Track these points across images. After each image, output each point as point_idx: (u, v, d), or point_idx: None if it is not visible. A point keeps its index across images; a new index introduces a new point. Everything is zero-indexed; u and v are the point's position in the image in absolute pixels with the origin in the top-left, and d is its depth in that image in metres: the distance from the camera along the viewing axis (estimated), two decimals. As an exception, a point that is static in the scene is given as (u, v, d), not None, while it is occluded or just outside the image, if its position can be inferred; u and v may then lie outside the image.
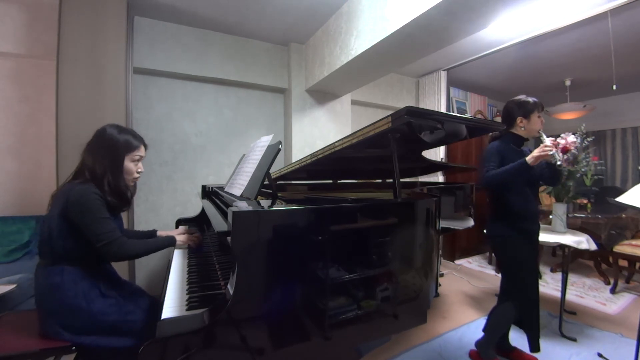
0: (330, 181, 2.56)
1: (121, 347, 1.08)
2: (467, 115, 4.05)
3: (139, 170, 1.30)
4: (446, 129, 1.41)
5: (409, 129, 1.28)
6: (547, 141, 1.43)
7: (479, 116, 4.46)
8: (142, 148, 1.29)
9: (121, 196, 1.21)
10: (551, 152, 1.37)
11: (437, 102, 3.87)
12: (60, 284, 1.07)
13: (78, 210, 1.08)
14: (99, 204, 1.11)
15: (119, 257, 1.14)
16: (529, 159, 1.40)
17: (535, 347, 1.60)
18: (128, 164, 1.24)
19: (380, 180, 2.77)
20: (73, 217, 1.08)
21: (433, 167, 2.50)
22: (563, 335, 2.00)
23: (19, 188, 2.12)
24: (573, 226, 2.62)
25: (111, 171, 1.18)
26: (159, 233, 1.56)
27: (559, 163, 1.40)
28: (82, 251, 1.11)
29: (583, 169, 2.19)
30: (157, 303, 1.20)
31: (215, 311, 0.84)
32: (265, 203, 1.09)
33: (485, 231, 1.80)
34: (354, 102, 3.66)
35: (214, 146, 2.96)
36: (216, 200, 1.65)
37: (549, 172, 1.55)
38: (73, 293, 1.07)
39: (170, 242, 1.35)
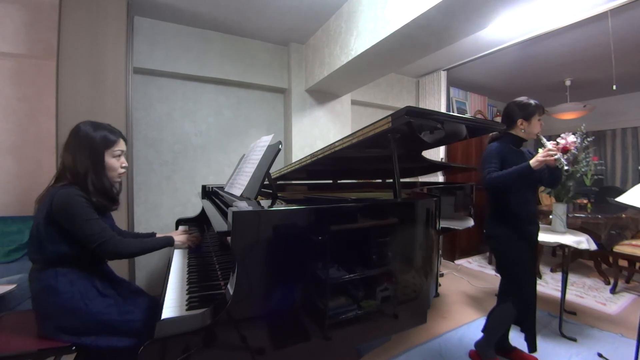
0: (330, 181, 2.56)
1: (121, 347, 1.08)
2: (467, 115, 4.06)
3: (123, 165, 1.26)
4: (446, 129, 1.41)
5: (409, 129, 1.28)
6: (549, 145, 1.42)
7: (479, 116, 4.46)
8: (122, 142, 1.24)
9: (107, 195, 1.18)
10: (556, 157, 1.37)
11: (437, 102, 3.87)
12: (56, 287, 1.06)
13: (65, 215, 1.06)
14: (85, 206, 1.08)
15: (115, 255, 1.13)
16: (532, 162, 1.39)
17: (532, 347, 1.60)
18: (109, 160, 1.20)
19: (380, 180, 2.77)
20: (61, 222, 1.06)
21: (433, 167, 2.50)
22: (563, 335, 2.00)
23: (19, 188, 2.12)
24: (573, 226, 2.62)
25: (93, 170, 1.14)
26: (158, 236, 1.55)
27: (566, 168, 1.38)
28: (74, 253, 1.10)
29: (583, 169, 2.20)
30: (157, 303, 1.20)
31: (215, 311, 0.84)
32: (265, 203, 1.09)
33: (484, 231, 1.80)
34: (354, 102, 3.66)
35: (214, 146, 2.96)
36: (216, 200, 1.65)
37: (549, 174, 1.55)
38: (70, 295, 1.06)
39: (168, 242, 1.34)
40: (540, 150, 1.46)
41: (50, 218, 1.07)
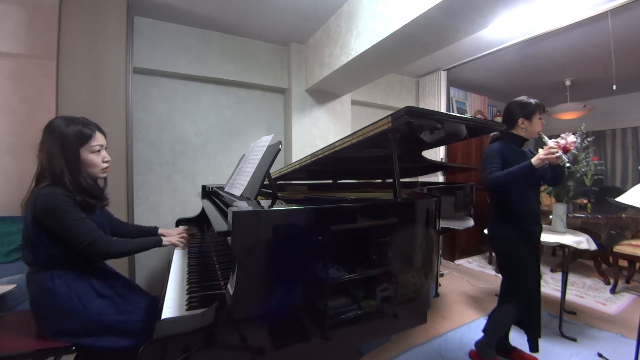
0: (330, 181, 2.56)
1: (121, 347, 1.07)
2: (467, 115, 4.06)
3: (105, 159, 1.20)
4: (446, 129, 1.41)
5: (409, 129, 1.28)
6: (551, 143, 1.42)
7: (479, 116, 4.46)
8: (99, 135, 1.17)
9: (87, 193, 1.12)
10: (558, 154, 1.37)
11: (437, 102, 3.87)
12: (53, 289, 1.05)
13: (50, 216, 1.03)
14: (70, 205, 1.05)
15: (104, 256, 1.12)
16: (534, 160, 1.39)
17: (534, 347, 1.60)
18: (88, 156, 1.14)
19: (380, 180, 2.77)
20: (47, 223, 1.03)
21: (433, 167, 2.50)
22: (563, 335, 2.00)
23: (19, 188, 2.12)
24: (573, 226, 2.62)
25: (68, 168, 1.09)
26: (160, 231, 1.55)
27: (568, 165, 1.38)
28: (67, 254, 1.08)
29: (583, 169, 2.20)
30: (157, 302, 1.19)
31: (215, 311, 0.84)
32: (265, 203, 1.09)
33: (486, 232, 1.80)
34: (354, 102, 3.66)
35: (214, 146, 2.96)
36: (216, 200, 1.65)
37: (552, 173, 1.55)
38: (67, 297, 1.05)
39: (157, 243, 1.31)
40: (540, 150, 1.46)
41: (37, 221, 1.04)
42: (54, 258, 1.08)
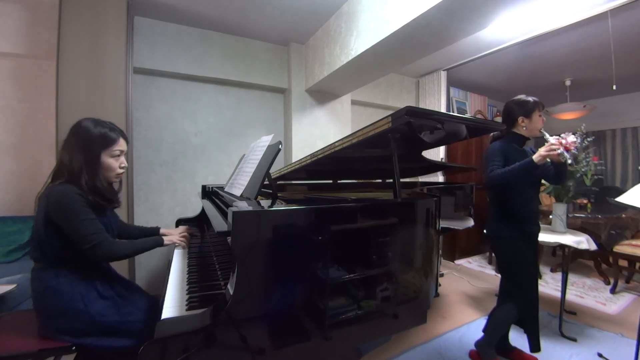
0: (330, 181, 2.56)
1: (121, 348, 1.08)
2: (467, 115, 4.06)
3: (122, 165, 1.23)
4: (446, 129, 1.41)
5: (409, 129, 1.28)
6: (552, 139, 1.41)
7: (479, 116, 4.46)
8: (122, 141, 1.21)
9: (101, 195, 1.14)
10: (559, 151, 1.36)
11: (437, 102, 3.87)
12: (57, 288, 1.06)
13: (60, 213, 1.04)
14: (82, 205, 1.06)
15: (107, 259, 1.12)
16: (535, 157, 1.38)
17: (535, 347, 1.60)
18: (107, 159, 1.17)
19: (380, 180, 2.77)
20: (57, 220, 1.05)
21: (433, 167, 2.50)
22: (563, 335, 2.00)
23: (19, 188, 2.12)
24: (573, 226, 2.62)
25: (87, 169, 1.11)
26: (162, 231, 1.55)
27: (569, 162, 1.37)
28: (74, 253, 1.08)
29: (583, 169, 2.20)
30: (157, 302, 1.19)
31: (215, 311, 0.84)
32: (265, 203, 1.09)
33: (485, 231, 1.80)
34: (354, 102, 3.66)
35: (214, 146, 2.96)
36: (216, 200, 1.65)
37: (554, 170, 1.54)
38: (70, 296, 1.06)
39: (158, 243, 1.32)
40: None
41: (48, 218, 1.06)
42: (61, 256, 1.09)
